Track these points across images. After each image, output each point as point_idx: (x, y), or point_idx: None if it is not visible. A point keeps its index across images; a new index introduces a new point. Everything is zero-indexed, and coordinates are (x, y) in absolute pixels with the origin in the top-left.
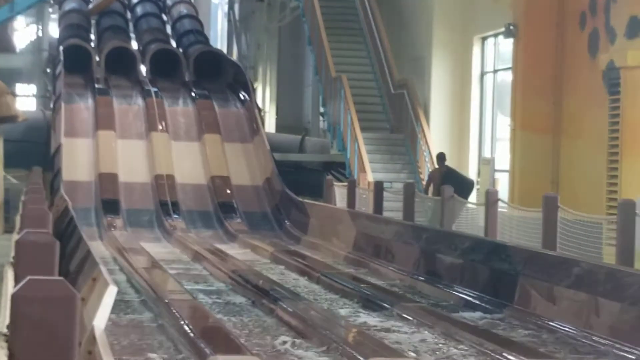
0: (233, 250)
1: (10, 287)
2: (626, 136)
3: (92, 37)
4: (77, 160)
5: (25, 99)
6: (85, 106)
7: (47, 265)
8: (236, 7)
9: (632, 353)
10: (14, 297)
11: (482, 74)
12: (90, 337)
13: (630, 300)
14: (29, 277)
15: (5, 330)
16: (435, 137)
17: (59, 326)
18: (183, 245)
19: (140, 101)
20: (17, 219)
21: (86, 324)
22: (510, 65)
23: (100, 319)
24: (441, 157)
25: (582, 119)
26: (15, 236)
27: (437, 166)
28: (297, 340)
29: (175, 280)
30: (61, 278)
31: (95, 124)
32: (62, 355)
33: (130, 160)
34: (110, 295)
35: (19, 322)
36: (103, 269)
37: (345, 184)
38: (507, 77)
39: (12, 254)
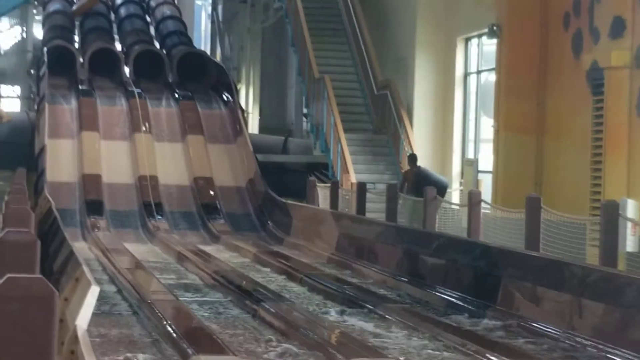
0: (216, 251)
1: None
2: (610, 137)
3: (76, 38)
4: (61, 161)
5: (10, 100)
6: (69, 107)
7: (28, 264)
8: (219, 8)
9: (614, 354)
10: None
11: (466, 75)
12: (73, 337)
13: (613, 302)
14: (7, 275)
15: None
16: (419, 138)
17: (37, 324)
18: (166, 247)
19: (123, 102)
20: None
21: (69, 324)
22: (493, 66)
23: (83, 318)
24: (412, 158)
25: (566, 120)
26: None
27: (408, 167)
28: (286, 345)
29: (158, 281)
30: (40, 276)
31: (79, 125)
32: (40, 353)
33: (114, 161)
34: (93, 295)
35: None
36: (86, 269)
37: (328, 185)
38: (490, 78)
39: None
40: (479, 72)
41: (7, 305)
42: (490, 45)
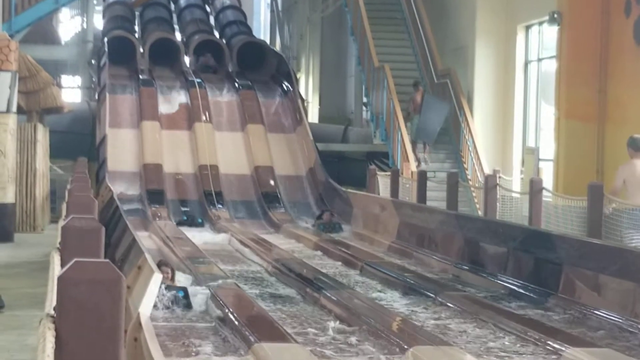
0: (277, 240)
1: (56, 270)
2: None
3: (136, 28)
4: (122, 150)
5: (71, 91)
6: (129, 97)
7: (93, 250)
8: None
9: None
10: (61, 279)
11: (526, 63)
12: (136, 324)
13: None
14: (75, 259)
15: (52, 312)
16: (479, 127)
17: (105, 307)
18: (227, 235)
19: (184, 92)
20: (63, 206)
21: (132, 311)
22: (554, 53)
23: (146, 306)
24: (415, 83)
25: (627, 107)
26: (61, 223)
27: (417, 98)
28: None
29: (220, 269)
30: (107, 260)
31: (140, 114)
32: (108, 336)
33: (175, 150)
34: (155, 282)
35: (66, 304)
36: (148, 256)
37: (389, 173)
38: (551, 65)
39: (59, 239)
40: (539, 60)
41: (74, 289)
42: (551, 32)
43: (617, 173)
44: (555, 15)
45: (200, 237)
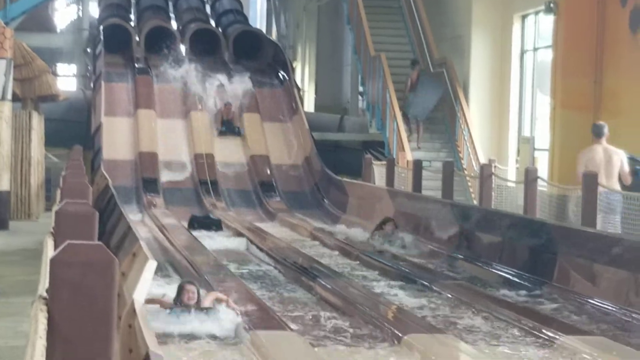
0: (273, 228)
1: (50, 254)
2: None
3: (132, 16)
4: (117, 139)
5: (66, 79)
6: (125, 85)
7: (87, 235)
8: None
9: None
10: (53, 261)
11: (522, 52)
12: (131, 311)
13: None
14: (67, 242)
15: (44, 294)
16: (475, 116)
17: (97, 290)
18: (223, 224)
19: (179, 81)
20: (57, 192)
21: (126, 299)
22: (550, 43)
23: (140, 292)
24: (414, 62)
25: (623, 97)
26: (55, 208)
27: (414, 76)
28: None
29: (215, 258)
30: (99, 243)
31: (135, 103)
32: (100, 318)
33: (170, 139)
34: (150, 269)
35: (58, 286)
36: (143, 244)
37: (384, 162)
38: (547, 55)
39: (52, 224)
40: (535, 50)
41: (67, 271)
42: (547, 22)
43: (578, 159)
44: (551, 5)
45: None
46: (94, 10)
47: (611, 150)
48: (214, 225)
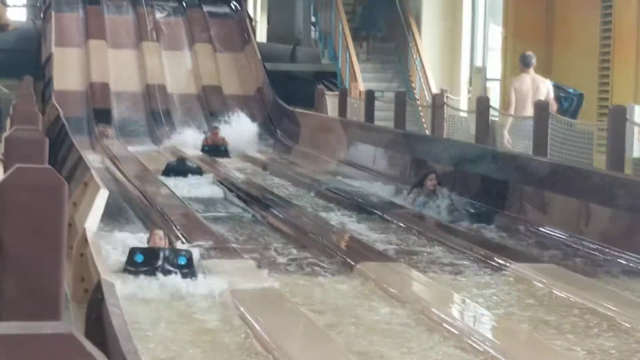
0: (226, 159)
1: None
2: (618, 41)
3: None
4: (68, 69)
5: (16, 9)
6: (75, 16)
7: (37, 161)
8: None
9: (621, 257)
10: (2, 185)
11: None
12: (82, 240)
13: (619, 206)
14: (17, 165)
15: None
16: (427, 46)
17: (47, 213)
18: (174, 154)
19: (131, 11)
20: (7, 121)
21: (78, 228)
22: None
23: (92, 222)
24: None
25: (574, 26)
26: (4, 135)
27: None
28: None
29: (168, 188)
30: (49, 166)
31: (86, 33)
32: (50, 243)
33: (122, 69)
34: (102, 198)
35: (8, 210)
36: (94, 173)
37: (337, 93)
38: None
39: (1, 151)
40: None
41: (16, 195)
42: None
43: (508, 87)
44: None
45: (144, 152)
46: None
47: (538, 79)
48: (190, 172)
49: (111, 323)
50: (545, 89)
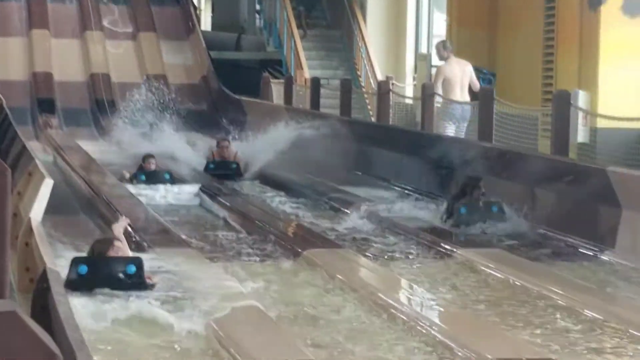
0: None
1: None
2: (561, 29)
3: None
4: (10, 59)
5: None
6: (17, 5)
7: None
8: None
9: (565, 241)
10: None
11: None
12: (27, 229)
13: (564, 191)
14: None
15: None
16: (372, 34)
17: None
18: (118, 145)
19: (74, 0)
20: None
21: (23, 218)
22: None
23: (37, 211)
24: None
25: (519, 13)
26: None
27: None
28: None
29: (113, 178)
30: None
31: (29, 22)
32: None
33: (66, 59)
34: (47, 187)
35: None
36: (39, 162)
37: (282, 81)
38: None
39: None
40: None
41: None
42: None
43: (437, 73)
44: None
45: (92, 147)
46: None
47: (463, 63)
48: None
49: (57, 312)
50: (470, 71)
